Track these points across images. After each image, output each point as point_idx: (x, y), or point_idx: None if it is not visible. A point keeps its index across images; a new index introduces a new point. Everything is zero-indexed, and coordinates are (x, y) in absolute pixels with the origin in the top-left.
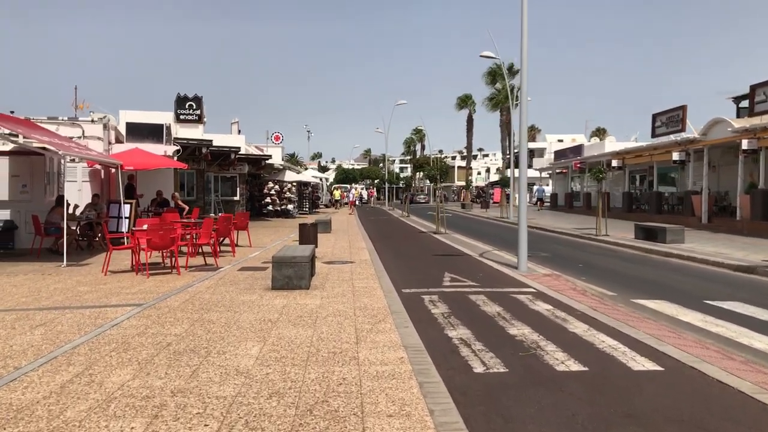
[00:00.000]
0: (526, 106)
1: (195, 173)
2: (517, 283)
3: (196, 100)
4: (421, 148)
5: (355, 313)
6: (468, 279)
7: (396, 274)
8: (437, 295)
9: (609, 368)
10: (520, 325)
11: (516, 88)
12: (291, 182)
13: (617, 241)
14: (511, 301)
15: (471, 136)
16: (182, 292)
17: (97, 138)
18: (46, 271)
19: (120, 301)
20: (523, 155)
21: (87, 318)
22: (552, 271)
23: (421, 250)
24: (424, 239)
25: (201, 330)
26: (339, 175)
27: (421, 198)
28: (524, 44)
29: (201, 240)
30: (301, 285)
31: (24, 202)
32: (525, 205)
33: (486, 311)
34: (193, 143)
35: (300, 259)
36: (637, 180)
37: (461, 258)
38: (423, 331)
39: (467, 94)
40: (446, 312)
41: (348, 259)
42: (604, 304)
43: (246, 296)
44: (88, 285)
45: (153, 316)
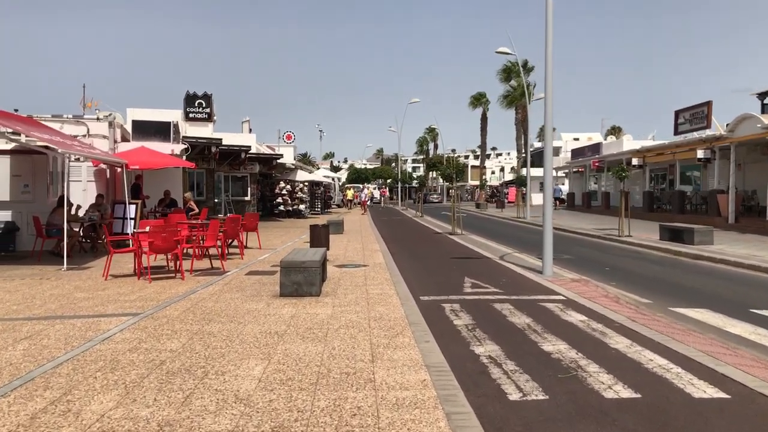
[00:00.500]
0: (551, 100)
1: (205, 173)
2: (544, 290)
3: (206, 97)
4: (434, 147)
5: (370, 324)
6: (490, 285)
7: (413, 279)
8: (458, 304)
9: (665, 395)
10: (554, 340)
11: (532, 85)
12: (303, 182)
13: (642, 243)
14: (540, 311)
15: (485, 134)
16: (184, 299)
17: (102, 136)
18: (45, 275)
19: (116, 309)
20: (548, 152)
21: (77, 330)
22: (579, 276)
23: (438, 253)
24: (440, 241)
25: (200, 345)
26: (351, 175)
27: (434, 198)
28: (549, 34)
29: (207, 242)
30: (311, 292)
31: (26, 203)
32: (550, 206)
33: (514, 323)
34: (202, 142)
35: (310, 264)
36: (657, 179)
37: (481, 261)
38: (446, 347)
39: (481, 92)
40: (470, 323)
41: (361, 263)
42: (642, 314)
43: (252, 304)
44: (85, 291)
45: (149, 328)
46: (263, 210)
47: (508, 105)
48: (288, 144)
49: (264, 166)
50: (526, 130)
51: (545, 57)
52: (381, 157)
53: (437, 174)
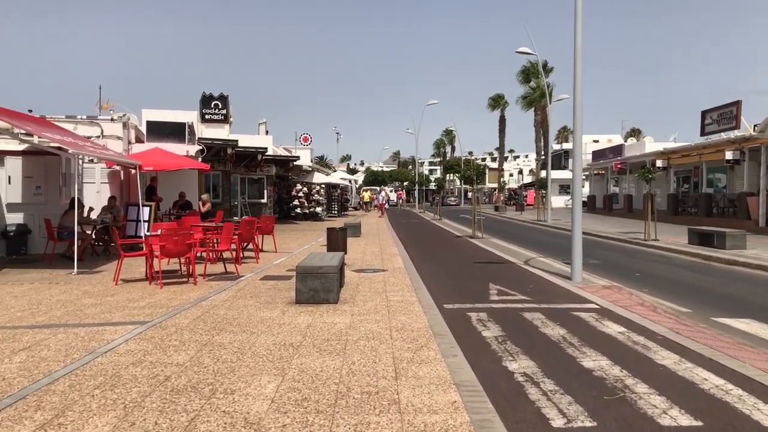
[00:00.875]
0: (580, 99)
1: (221, 175)
2: (575, 298)
3: (222, 99)
4: (451, 149)
5: (392, 335)
6: (517, 292)
7: (435, 286)
8: (485, 313)
9: (730, 423)
10: (594, 355)
11: (551, 87)
12: (319, 184)
13: (670, 247)
14: (574, 321)
15: (503, 136)
16: (195, 306)
17: (117, 137)
18: (54, 279)
19: (124, 317)
20: (577, 153)
21: (80, 340)
22: (610, 283)
23: (460, 257)
24: (461, 244)
25: (209, 358)
26: (368, 178)
27: (452, 200)
28: (578, 28)
29: (221, 246)
30: (328, 299)
31: (38, 205)
32: (579, 210)
33: (547, 334)
34: (217, 143)
35: (327, 269)
36: (681, 181)
37: (505, 266)
38: (476, 362)
39: (499, 94)
40: (500, 335)
41: (380, 267)
42: (685, 325)
43: (266, 312)
44: (94, 296)
45: (156, 339)
46: (280, 212)
47: (527, 106)
48: (305, 146)
49: (281, 168)
50: (545, 131)
51: (574, 53)
52: (398, 159)
53: (454, 176)
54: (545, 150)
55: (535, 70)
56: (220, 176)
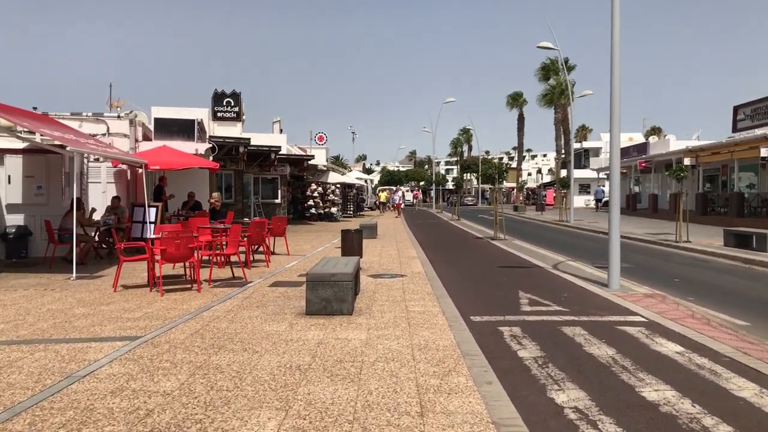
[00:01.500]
0: (618, 90)
1: (233, 174)
2: (616, 308)
3: (235, 96)
4: (468, 148)
5: (414, 355)
6: (551, 301)
7: (458, 294)
8: (519, 327)
9: None
10: (654, 383)
11: (573, 83)
12: (335, 184)
13: (705, 249)
14: (621, 338)
15: (522, 135)
16: (195, 317)
17: (123, 135)
18: (51, 284)
19: (114, 331)
20: (615, 149)
21: (59, 360)
22: (651, 290)
23: (483, 261)
24: (483, 247)
25: (201, 385)
26: (384, 177)
27: (469, 200)
28: (616, 12)
29: (228, 249)
30: (341, 310)
31: (39, 206)
32: (617, 211)
33: (594, 355)
34: (229, 142)
35: (341, 276)
36: (709, 180)
37: (533, 271)
38: (516, 392)
39: (518, 92)
40: (539, 356)
41: (398, 272)
42: (750, 343)
43: (272, 325)
44: (87, 305)
45: (144, 359)
46: (294, 213)
47: (547, 104)
48: (320, 145)
49: (295, 168)
50: (566, 129)
51: (611, 38)
52: (414, 159)
53: (471, 176)
54: (566, 148)
55: (555, 67)
56: (233, 176)
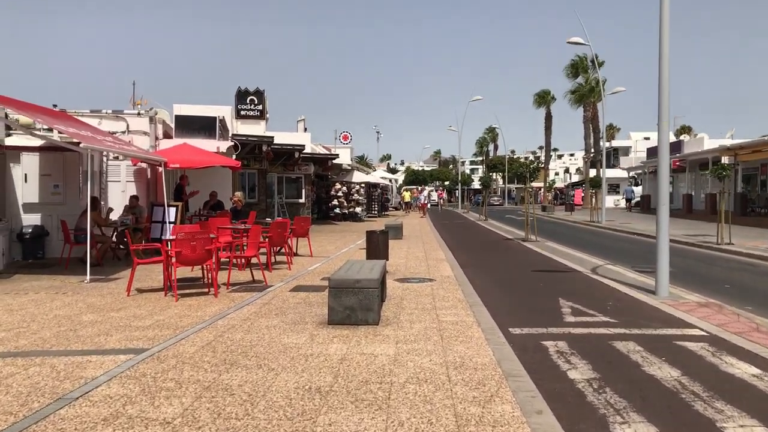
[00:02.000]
0: (667, 81)
1: (257, 173)
2: (670, 320)
3: (258, 94)
4: (494, 148)
5: (450, 376)
6: (595, 310)
7: (493, 301)
8: (565, 341)
9: None
10: (737, 416)
11: (602, 81)
12: (359, 183)
13: (750, 252)
14: (684, 356)
15: (549, 134)
16: (209, 326)
17: (143, 133)
18: (64, 287)
19: (120, 341)
20: (663, 145)
21: (53, 377)
22: (705, 298)
23: (516, 264)
24: (514, 249)
25: (207, 411)
26: (408, 177)
27: (495, 200)
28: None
29: (248, 251)
30: (367, 319)
31: (56, 205)
32: (666, 212)
33: (657, 377)
34: (252, 140)
35: (366, 283)
36: (747, 180)
37: (570, 276)
38: (572, 426)
39: (545, 90)
40: (593, 378)
41: (426, 276)
42: None
43: (291, 337)
44: (97, 311)
45: (147, 377)
46: (318, 213)
47: (576, 102)
48: (345, 144)
49: (319, 167)
50: (596, 128)
51: (660, 20)
52: (438, 158)
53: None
54: (595, 147)
55: (584, 64)
56: (256, 175)
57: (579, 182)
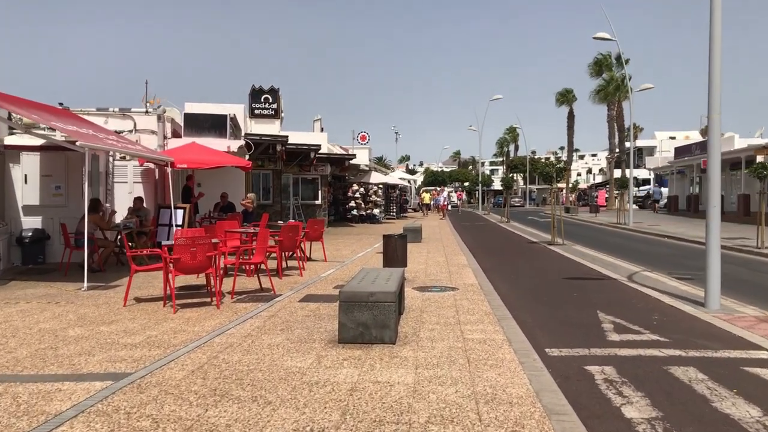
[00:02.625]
0: (719, 73)
1: (271, 174)
2: (728, 338)
3: (273, 92)
4: (514, 148)
5: (480, 414)
6: (640, 326)
7: (523, 314)
8: (613, 366)
9: None
10: None
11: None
12: (377, 184)
13: None
14: (757, 387)
15: (572, 133)
16: (204, 346)
17: (151, 132)
18: (59, 296)
19: (101, 363)
20: (715, 138)
21: (12, 411)
22: (762, 311)
23: (544, 270)
24: (540, 253)
25: None
26: (427, 178)
27: (516, 201)
28: None
29: (255, 258)
30: (383, 338)
31: (58, 207)
32: (718, 215)
33: (733, 418)
34: (266, 139)
35: (382, 296)
36: None
37: (606, 284)
38: None
39: (568, 89)
40: (654, 416)
41: (448, 284)
42: None
43: (295, 359)
44: (86, 324)
45: (121, 412)
46: (335, 214)
47: (601, 101)
48: (362, 145)
49: (336, 168)
50: (621, 126)
51: (710, 9)
52: (458, 159)
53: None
54: (620, 147)
55: (608, 62)
56: (271, 176)
57: (603, 183)
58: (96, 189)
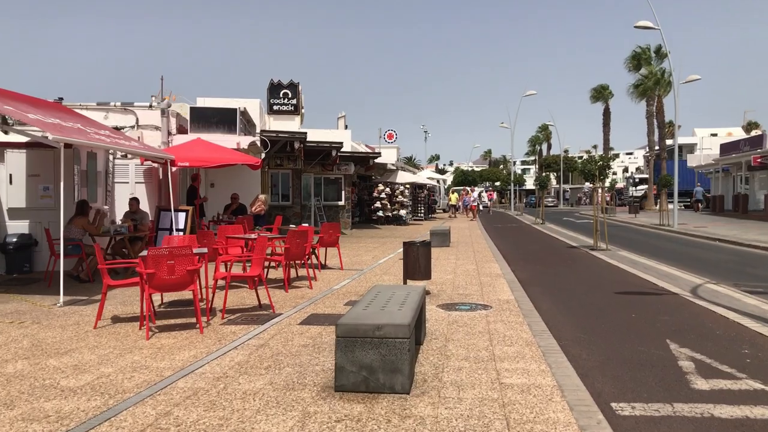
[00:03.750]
0: None
1: (291, 174)
2: None
3: (292, 87)
4: (547, 147)
5: None
6: (730, 366)
7: (574, 345)
8: None
9: None
10: None
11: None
12: (403, 184)
13: None
14: None
15: (608, 131)
16: (161, 391)
17: (154, 127)
18: (29, 312)
19: (10, 425)
20: None
21: None
22: None
23: (591, 282)
24: (583, 260)
25: None
26: (457, 177)
27: (549, 201)
28: None
29: (252, 270)
30: (393, 385)
31: (47, 210)
32: None
33: None
34: (283, 137)
35: (392, 330)
36: None
37: (668, 301)
38: None
39: (603, 84)
40: None
41: (479, 300)
42: None
43: (272, 420)
44: (34, 356)
45: None
46: (360, 216)
47: (640, 96)
48: (389, 143)
49: (360, 167)
50: (662, 122)
51: None
52: (489, 158)
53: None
54: (660, 144)
55: (647, 55)
56: (290, 176)
57: (639, 182)
58: (93, 190)
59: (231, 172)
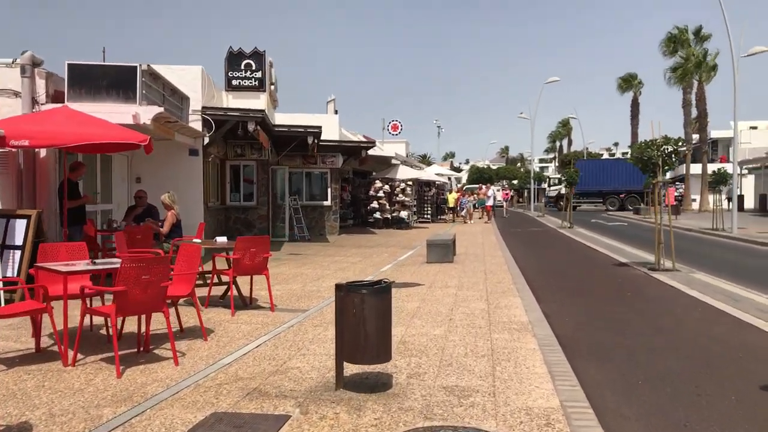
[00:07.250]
0: None
1: (255, 166)
2: None
3: (257, 56)
4: (568, 143)
5: None
6: None
7: None
8: None
9: None
10: None
11: (712, 55)
12: (406, 181)
13: None
14: None
15: (636, 123)
16: None
17: (13, 93)
18: None
19: None
20: None
21: None
22: None
23: (687, 347)
24: (650, 291)
25: None
26: (472, 175)
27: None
28: None
29: None
30: None
31: None
32: None
33: None
34: (232, 116)
35: None
36: None
37: None
38: None
39: (631, 74)
40: None
41: (488, 405)
42: None
43: None
44: None
45: None
46: (355, 218)
47: (678, 80)
48: (394, 136)
49: (353, 159)
50: (703, 111)
51: None
52: (506, 156)
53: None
54: (701, 136)
55: (684, 37)
56: (255, 168)
57: (674, 179)
58: None
59: (163, 163)
